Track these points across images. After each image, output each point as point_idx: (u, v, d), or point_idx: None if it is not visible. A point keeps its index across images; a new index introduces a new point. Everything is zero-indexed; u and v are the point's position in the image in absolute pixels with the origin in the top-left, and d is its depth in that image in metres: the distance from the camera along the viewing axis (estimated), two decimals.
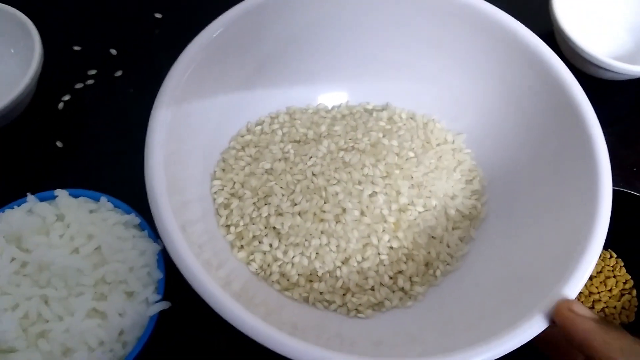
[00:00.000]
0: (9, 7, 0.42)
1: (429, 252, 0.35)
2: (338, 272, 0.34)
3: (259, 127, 0.39)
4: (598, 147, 0.30)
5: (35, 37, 0.41)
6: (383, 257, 0.34)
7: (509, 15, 0.35)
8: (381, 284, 0.34)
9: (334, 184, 0.35)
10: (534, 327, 0.26)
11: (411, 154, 0.37)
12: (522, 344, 0.26)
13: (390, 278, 0.34)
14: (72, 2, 0.50)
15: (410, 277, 0.34)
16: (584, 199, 0.30)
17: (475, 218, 0.37)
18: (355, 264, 0.34)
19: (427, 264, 0.35)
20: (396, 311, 0.33)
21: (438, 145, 0.39)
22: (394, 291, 0.34)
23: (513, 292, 0.30)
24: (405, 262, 0.34)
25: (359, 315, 0.33)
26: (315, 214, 0.34)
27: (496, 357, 0.26)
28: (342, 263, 0.34)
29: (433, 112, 0.40)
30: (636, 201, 0.36)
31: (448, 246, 0.35)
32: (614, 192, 0.31)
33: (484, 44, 0.36)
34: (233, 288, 0.31)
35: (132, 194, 0.34)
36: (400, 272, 0.34)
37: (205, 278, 0.28)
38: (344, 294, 0.34)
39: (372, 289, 0.34)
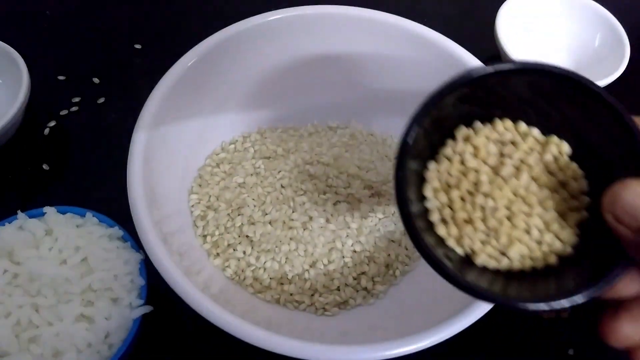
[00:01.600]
0: None
1: (388, 255, 0.38)
2: (306, 275, 0.37)
3: (232, 146, 0.43)
4: None
5: (22, 68, 0.44)
6: (347, 260, 0.37)
7: (452, 41, 0.40)
8: (346, 284, 0.37)
9: (301, 195, 0.39)
10: (479, 309, 0.30)
11: (371, 166, 0.41)
12: (470, 324, 0.29)
13: (354, 279, 0.37)
14: (56, 35, 0.54)
15: (372, 278, 0.38)
16: None
17: None
18: (322, 267, 0.37)
19: (387, 265, 0.38)
20: (360, 308, 0.37)
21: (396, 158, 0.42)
22: (357, 290, 0.37)
23: None
24: (367, 264, 0.38)
25: (326, 313, 0.36)
26: (284, 222, 0.38)
27: (448, 337, 0.29)
28: (310, 266, 0.37)
29: (389, 128, 0.44)
30: None
31: (406, 248, 0.39)
32: None
33: (432, 68, 0.40)
34: (211, 291, 0.34)
35: (116, 209, 0.36)
36: (363, 273, 0.38)
37: (185, 283, 0.30)
38: (312, 295, 0.37)
39: (338, 289, 0.37)
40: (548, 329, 0.39)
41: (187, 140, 0.40)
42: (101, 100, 0.49)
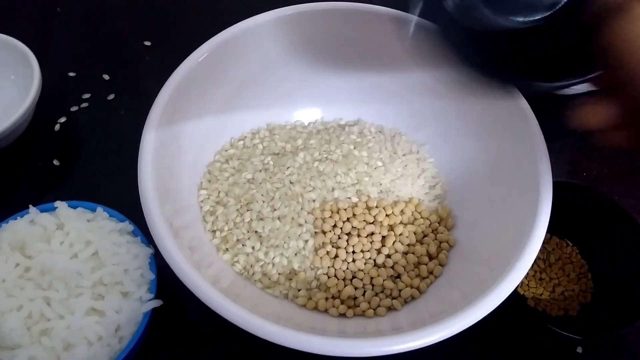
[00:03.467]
0: (11, 37, 0.46)
1: None
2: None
3: (241, 142, 0.43)
4: (539, 151, 0.34)
5: (34, 65, 0.44)
6: None
7: None
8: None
9: (310, 191, 0.39)
10: (485, 307, 0.30)
11: (379, 163, 0.41)
12: (478, 320, 0.29)
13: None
14: (67, 32, 0.54)
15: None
16: (528, 194, 0.33)
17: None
18: None
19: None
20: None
21: (404, 155, 0.43)
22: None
23: (475, 278, 0.34)
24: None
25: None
26: (293, 219, 0.38)
27: (454, 333, 0.29)
28: None
29: (399, 125, 0.44)
30: (587, 193, 0.40)
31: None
32: (567, 184, 0.35)
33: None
34: (221, 285, 0.34)
35: (126, 204, 0.37)
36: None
37: (196, 276, 0.30)
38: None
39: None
40: (557, 326, 0.39)
41: (197, 137, 0.40)
42: (111, 96, 0.50)
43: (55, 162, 0.46)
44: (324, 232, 0.38)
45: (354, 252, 0.37)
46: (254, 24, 0.39)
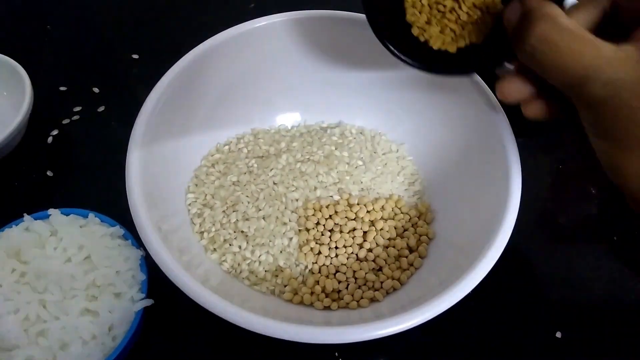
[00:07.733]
0: (2, 55, 0.48)
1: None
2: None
3: (227, 147, 0.45)
4: (508, 142, 0.36)
5: (25, 81, 0.46)
6: None
7: None
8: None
9: (293, 191, 0.40)
10: (464, 288, 0.31)
11: (360, 163, 0.43)
12: (452, 305, 0.31)
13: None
14: (57, 48, 0.56)
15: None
16: (499, 183, 0.35)
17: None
18: None
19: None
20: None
21: (384, 154, 0.44)
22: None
23: (452, 265, 0.35)
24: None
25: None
26: (277, 218, 0.39)
27: (431, 317, 0.30)
28: None
29: (379, 126, 0.46)
30: None
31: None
32: None
33: None
34: (211, 283, 0.35)
35: (116, 210, 0.38)
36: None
37: (185, 276, 0.32)
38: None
39: None
40: (536, 311, 0.41)
41: (183, 144, 0.42)
42: (101, 108, 0.51)
43: (49, 173, 0.47)
44: (308, 230, 0.39)
45: (336, 247, 0.39)
46: (234, 34, 0.41)
